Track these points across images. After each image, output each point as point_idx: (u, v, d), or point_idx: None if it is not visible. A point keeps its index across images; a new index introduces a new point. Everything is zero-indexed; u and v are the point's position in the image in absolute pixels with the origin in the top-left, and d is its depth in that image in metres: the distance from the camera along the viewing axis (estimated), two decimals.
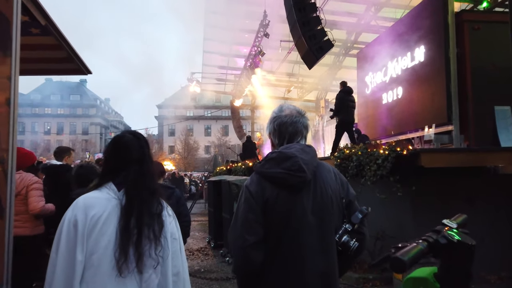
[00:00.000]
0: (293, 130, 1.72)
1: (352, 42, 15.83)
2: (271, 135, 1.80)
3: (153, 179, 1.66)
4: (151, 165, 1.69)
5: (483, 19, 7.81)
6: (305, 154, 1.65)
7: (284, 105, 1.82)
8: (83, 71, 3.28)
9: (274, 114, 1.79)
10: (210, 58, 19.40)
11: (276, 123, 1.75)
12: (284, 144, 1.72)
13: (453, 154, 4.45)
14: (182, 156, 49.81)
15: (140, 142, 1.70)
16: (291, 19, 7.14)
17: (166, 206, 1.68)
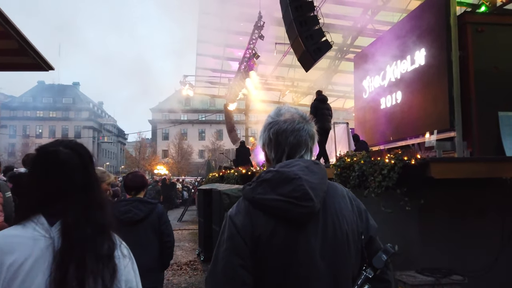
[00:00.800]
0: (296, 141, 1.27)
1: (348, 46, 15.57)
2: (265, 146, 1.32)
3: (102, 210, 1.20)
4: (98, 190, 1.24)
5: (486, 21, 7.50)
6: (312, 174, 1.20)
7: (283, 108, 1.35)
8: (43, 67, 2.87)
9: (270, 119, 1.32)
10: (204, 61, 19.04)
11: (273, 131, 1.28)
12: (282, 160, 1.27)
13: (465, 164, 4.08)
14: (176, 161, 49.27)
15: (83, 160, 1.23)
16: (287, 19, 6.77)
17: (119, 244, 1.23)
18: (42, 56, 2.73)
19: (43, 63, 2.80)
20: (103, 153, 62.22)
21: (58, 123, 57.87)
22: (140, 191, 3.17)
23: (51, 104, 59.13)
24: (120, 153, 70.31)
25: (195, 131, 55.64)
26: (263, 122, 1.36)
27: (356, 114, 12.42)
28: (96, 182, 1.24)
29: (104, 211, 1.21)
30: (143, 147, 50.56)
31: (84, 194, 1.17)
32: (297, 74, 17.57)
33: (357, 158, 4.46)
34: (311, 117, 1.36)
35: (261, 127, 1.36)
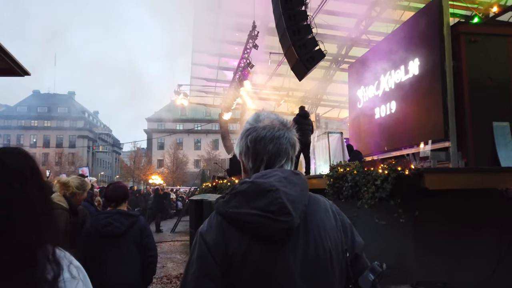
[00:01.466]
0: (275, 149, 1.16)
1: (342, 56, 15.61)
2: (242, 155, 1.21)
3: (31, 231, 0.95)
4: (28, 204, 0.98)
5: (480, 32, 7.51)
6: (291, 186, 1.09)
7: (262, 113, 1.24)
8: (18, 72, 2.76)
9: (248, 126, 1.22)
10: (199, 70, 19.01)
11: (250, 138, 1.18)
12: (260, 170, 1.15)
13: (460, 175, 4.00)
14: (171, 170, 49.02)
15: (5, 173, 0.98)
16: (280, 28, 6.73)
17: (68, 264, 1.03)
18: (17, 61, 2.62)
19: (18, 68, 2.69)
20: (98, 163, 61.80)
21: (52, 133, 57.50)
22: (121, 203, 3.04)
23: (46, 113, 58.85)
24: (115, 163, 69.89)
25: (191, 141, 55.53)
26: (242, 131, 1.24)
27: (351, 124, 12.38)
28: (27, 194, 0.99)
29: (35, 231, 0.96)
30: (138, 157, 50.27)
31: (5, 209, 0.94)
32: (291, 84, 17.57)
33: (350, 168, 4.36)
34: (292, 124, 1.24)
35: (239, 136, 1.25)
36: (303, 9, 6.58)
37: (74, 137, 57.83)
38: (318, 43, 6.59)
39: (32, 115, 57.85)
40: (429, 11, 7.99)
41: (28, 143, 55.55)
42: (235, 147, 1.26)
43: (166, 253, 9.55)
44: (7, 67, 2.65)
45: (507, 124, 7.21)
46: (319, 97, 19.18)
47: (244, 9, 13.10)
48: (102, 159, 65.35)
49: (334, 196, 4.52)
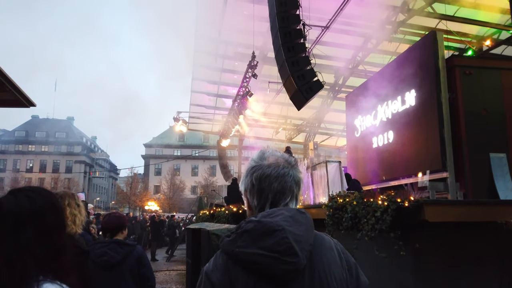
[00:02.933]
0: (280, 187, 1.17)
1: (340, 86, 15.91)
2: (247, 193, 1.22)
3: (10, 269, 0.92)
4: (16, 245, 0.97)
5: (474, 64, 7.69)
6: (297, 225, 1.10)
7: (267, 151, 1.27)
8: (24, 103, 2.81)
9: (253, 163, 1.24)
10: (198, 98, 19.26)
11: (256, 176, 1.19)
12: (266, 208, 1.17)
13: (460, 207, 3.99)
14: (167, 197, 48.60)
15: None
16: (279, 59, 6.89)
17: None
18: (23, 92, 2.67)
19: (24, 99, 2.74)
20: (94, 188, 61.28)
21: (49, 157, 57.31)
22: (116, 233, 3.02)
23: (44, 138, 58.85)
24: (111, 188, 69.32)
25: (188, 167, 55.37)
26: (247, 168, 1.27)
27: (349, 153, 12.42)
28: (15, 239, 0.98)
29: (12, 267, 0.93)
30: (135, 183, 49.93)
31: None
32: (290, 112, 17.79)
33: (349, 199, 4.36)
34: (296, 162, 1.28)
35: (244, 173, 1.27)
36: (301, 42, 6.76)
37: (71, 162, 57.62)
38: (316, 74, 6.73)
39: (30, 140, 57.85)
40: (424, 44, 8.20)
41: (25, 168, 55.27)
42: (240, 184, 1.28)
43: (161, 283, 9.34)
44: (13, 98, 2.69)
45: (504, 155, 7.25)
46: (317, 125, 19.37)
47: (244, 39, 13.45)
48: (98, 185, 64.87)
49: (334, 227, 4.49)
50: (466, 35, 12.08)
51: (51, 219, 1.06)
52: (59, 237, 1.06)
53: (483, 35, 11.98)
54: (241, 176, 1.29)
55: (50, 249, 1.03)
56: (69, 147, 58.89)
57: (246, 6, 12.00)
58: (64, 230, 1.12)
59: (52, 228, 1.05)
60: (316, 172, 10.33)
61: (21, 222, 1.00)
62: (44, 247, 1.02)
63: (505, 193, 6.74)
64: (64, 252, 1.05)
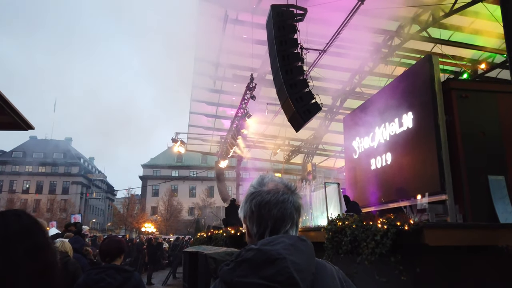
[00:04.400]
0: (280, 214, 1.15)
1: (337, 108, 16.03)
2: (246, 219, 1.21)
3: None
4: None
5: (470, 88, 7.79)
6: (298, 254, 1.07)
7: (266, 177, 1.25)
8: (22, 126, 2.82)
9: (252, 189, 1.22)
10: (197, 119, 19.35)
11: (255, 203, 1.17)
12: (265, 236, 1.14)
13: (460, 231, 3.96)
14: (164, 218, 48.07)
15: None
16: (278, 81, 6.97)
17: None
18: (22, 115, 2.68)
19: (22, 122, 2.75)
20: (90, 210, 60.64)
21: (46, 179, 56.89)
22: (115, 257, 2.96)
23: (41, 159, 58.60)
24: (107, 210, 68.58)
25: (186, 188, 55.00)
26: (245, 193, 1.25)
27: (347, 174, 12.40)
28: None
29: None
30: (132, 204, 49.44)
31: None
32: (288, 133, 17.85)
33: (348, 222, 4.31)
34: (296, 187, 1.26)
35: (243, 199, 1.25)
36: (299, 65, 6.86)
37: (67, 183, 57.21)
38: (314, 96, 6.80)
39: (27, 161, 57.57)
40: (420, 67, 8.33)
41: (21, 189, 54.78)
42: (240, 211, 1.26)
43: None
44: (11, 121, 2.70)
45: (503, 178, 7.25)
46: (315, 147, 19.41)
47: (242, 62, 13.64)
48: (94, 206, 64.23)
49: (333, 251, 4.43)
50: (461, 59, 12.30)
51: (39, 237, 1.07)
52: (48, 254, 1.07)
53: (478, 58, 12.19)
54: (240, 199, 1.28)
55: (40, 266, 1.04)
56: (66, 168, 58.59)
57: (245, 30, 12.23)
58: (51, 248, 1.12)
59: (40, 246, 1.06)
60: (315, 194, 10.29)
61: (10, 240, 1.01)
62: (34, 264, 1.04)
63: (505, 216, 6.71)
64: (53, 269, 1.06)
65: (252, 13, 10.95)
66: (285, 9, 7.03)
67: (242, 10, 11.61)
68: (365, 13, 9.35)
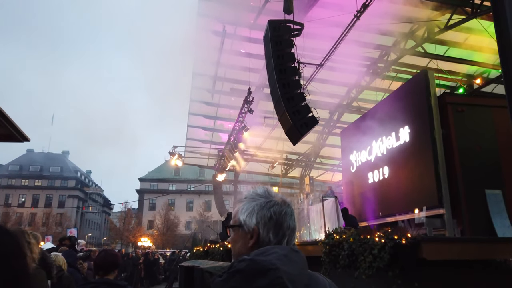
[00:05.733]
0: (293, 225, 1.20)
1: (335, 121, 16.10)
2: (259, 226, 1.17)
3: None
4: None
5: (465, 102, 7.88)
6: (291, 264, 1.06)
7: (269, 188, 1.26)
8: (18, 138, 2.82)
9: (265, 199, 1.21)
10: (194, 132, 19.36)
11: (274, 210, 1.17)
12: (283, 244, 1.16)
13: (458, 245, 3.94)
14: (161, 232, 47.60)
15: None
16: (275, 95, 7.02)
17: None
18: (17, 127, 2.69)
19: (18, 134, 2.75)
20: (86, 223, 60.03)
21: (42, 192, 56.42)
22: (109, 271, 2.92)
23: (38, 172, 58.24)
24: (103, 224, 67.91)
25: (183, 201, 54.63)
26: (252, 201, 1.21)
27: (345, 188, 12.39)
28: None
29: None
30: (128, 218, 48.99)
31: None
32: (285, 147, 17.85)
33: (346, 236, 4.29)
34: (291, 201, 1.28)
35: (251, 206, 1.21)
36: (296, 79, 6.92)
37: (64, 197, 56.73)
38: (311, 110, 6.84)
39: (23, 174, 57.21)
40: (416, 82, 8.42)
41: (16, 203, 54.27)
42: (248, 217, 1.21)
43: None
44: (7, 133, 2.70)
45: (500, 192, 7.26)
46: (312, 160, 19.41)
47: (240, 76, 13.75)
48: (90, 220, 63.60)
49: (331, 265, 4.39)
50: (456, 74, 12.44)
51: (7, 246, 1.03)
52: (18, 264, 1.04)
53: (473, 73, 12.33)
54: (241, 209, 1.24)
55: (8, 276, 1.01)
56: (63, 181, 58.18)
57: (242, 45, 12.36)
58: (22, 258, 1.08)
59: (8, 255, 1.03)
60: (312, 208, 10.26)
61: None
62: (1, 275, 1.01)
63: (503, 231, 6.70)
64: (24, 280, 1.02)
65: (250, 28, 11.09)
66: (282, 24, 7.13)
67: (240, 25, 11.75)
68: (361, 28, 9.48)
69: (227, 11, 11.47)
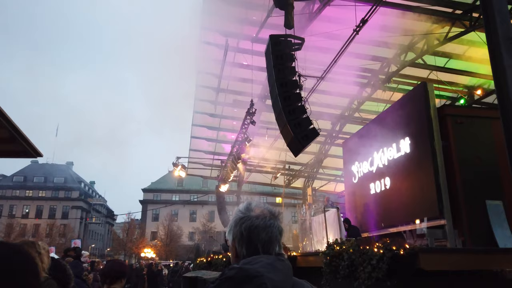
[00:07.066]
0: (267, 237, 1.26)
1: (337, 132, 16.19)
2: (235, 241, 1.30)
3: None
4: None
5: (465, 114, 7.97)
6: (276, 272, 1.16)
7: (253, 202, 1.36)
8: (32, 154, 2.96)
9: (241, 214, 1.32)
10: (198, 143, 19.52)
11: (245, 226, 1.27)
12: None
13: (454, 255, 4.00)
14: (164, 243, 47.44)
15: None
16: (276, 108, 7.16)
17: None
18: (31, 143, 2.83)
19: (32, 150, 2.89)
20: (89, 234, 59.95)
21: (46, 203, 56.52)
22: (115, 280, 2.99)
23: (42, 183, 58.44)
24: (107, 235, 67.81)
25: (186, 212, 54.50)
26: (233, 218, 1.34)
27: (347, 198, 12.43)
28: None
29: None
30: (131, 229, 48.93)
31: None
32: (288, 157, 17.92)
33: (346, 247, 4.37)
34: (279, 213, 1.37)
35: (231, 222, 1.33)
36: (297, 92, 7.06)
37: (67, 208, 56.79)
38: (312, 122, 6.96)
39: (28, 185, 57.43)
40: (415, 94, 8.53)
41: (20, 214, 54.39)
42: (227, 234, 1.35)
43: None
44: (22, 149, 2.84)
45: (500, 202, 7.30)
46: (315, 171, 19.46)
47: (243, 88, 13.93)
48: (94, 231, 63.56)
49: (331, 276, 4.46)
50: (457, 85, 12.54)
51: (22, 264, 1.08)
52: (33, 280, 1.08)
53: (474, 85, 12.43)
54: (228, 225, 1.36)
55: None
56: (67, 192, 58.31)
57: (245, 57, 12.55)
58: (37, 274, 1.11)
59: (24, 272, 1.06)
60: (315, 219, 10.31)
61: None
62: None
63: (504, 241, 6.72)
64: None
65: (252, 41, 11.28)
66: (283, 39, 7.30)
67: (242, 39, 11.96)
68: (361, 41, 9.63)
69: (229, 25, 11.69)
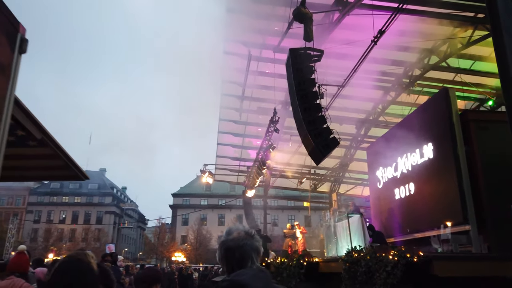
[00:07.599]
0: (240, 256, 1.61)
1: (362, 136, 16.17)
2: (220, 261, 1.69)
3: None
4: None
5: (488, 119, 7.92)
6: (258, 281, 1.49)
7: (232, 228, 1.74)
8: (80, 177, 3.41)
9: (223, 239, 1.70)
10: (224, 150, 19.95)
11: (223, 249, 1.65)
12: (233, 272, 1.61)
13: (469, 262, 4.10)
14: (194, 247, 48.28)
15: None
16: (297, 118, 7.40)
17: None
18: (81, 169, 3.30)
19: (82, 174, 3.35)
20: (122, 239, 61.86)
21: (81, 209, 58.88)
22: (151, 285, 3.29)
23: (77, 189, 60.89)
24: (139, 239, 69.69)
25: (215, 216, 55.23)
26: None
27: (372, 204, 12.45)
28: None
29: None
30: (162, 233, 50.15)
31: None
32: (313, 162, 17.98)
33: (363, 254, 4.54)
34: (256, 232, 1.72)
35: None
36: (317, 103, 7.28)
37: (101, 213, 58.88)
38: (332, 131, 7.15)
39: (64, 192, 59.97)
40: (437, 100, 8.54)
41: (58, 219, 56.89)
42: (216, 254, 1.73)
43: None
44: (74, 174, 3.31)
45: None
46: (341, 175, 19.45)
47: (266, 95, 14.21)
48: (127, 235, 65.49)
49: (350, 281, 4.65)
50: (484, 86, 12.31)
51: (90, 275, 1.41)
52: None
53: None
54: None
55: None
56: (100, 198, 60.47)
57: (268, 66, 12.86)
58: (98, 285, 1.47)
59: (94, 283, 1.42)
60: (339, 224, 10.42)
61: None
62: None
63: None
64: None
65: (274, 51, 11.56)
66: (303, 52, 7.53)
67: (264, 48, 12.27)
68: (383, 46, 9.69)
69: (252, 36, 12.03)
